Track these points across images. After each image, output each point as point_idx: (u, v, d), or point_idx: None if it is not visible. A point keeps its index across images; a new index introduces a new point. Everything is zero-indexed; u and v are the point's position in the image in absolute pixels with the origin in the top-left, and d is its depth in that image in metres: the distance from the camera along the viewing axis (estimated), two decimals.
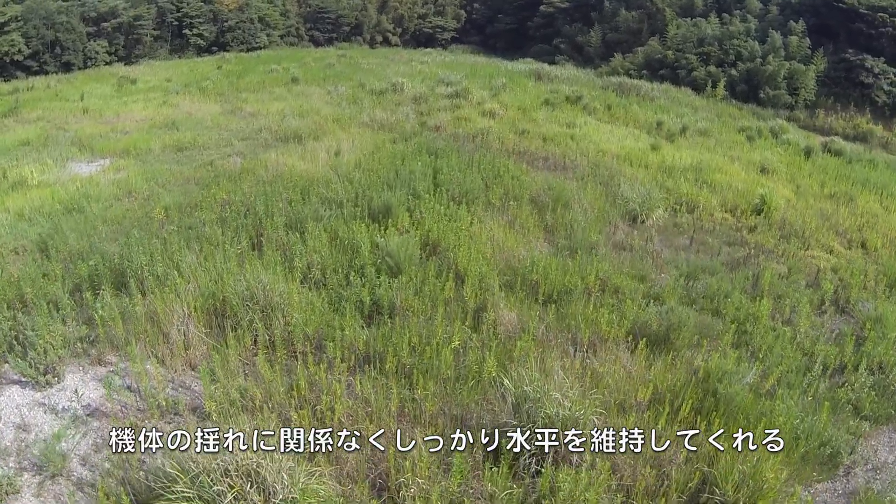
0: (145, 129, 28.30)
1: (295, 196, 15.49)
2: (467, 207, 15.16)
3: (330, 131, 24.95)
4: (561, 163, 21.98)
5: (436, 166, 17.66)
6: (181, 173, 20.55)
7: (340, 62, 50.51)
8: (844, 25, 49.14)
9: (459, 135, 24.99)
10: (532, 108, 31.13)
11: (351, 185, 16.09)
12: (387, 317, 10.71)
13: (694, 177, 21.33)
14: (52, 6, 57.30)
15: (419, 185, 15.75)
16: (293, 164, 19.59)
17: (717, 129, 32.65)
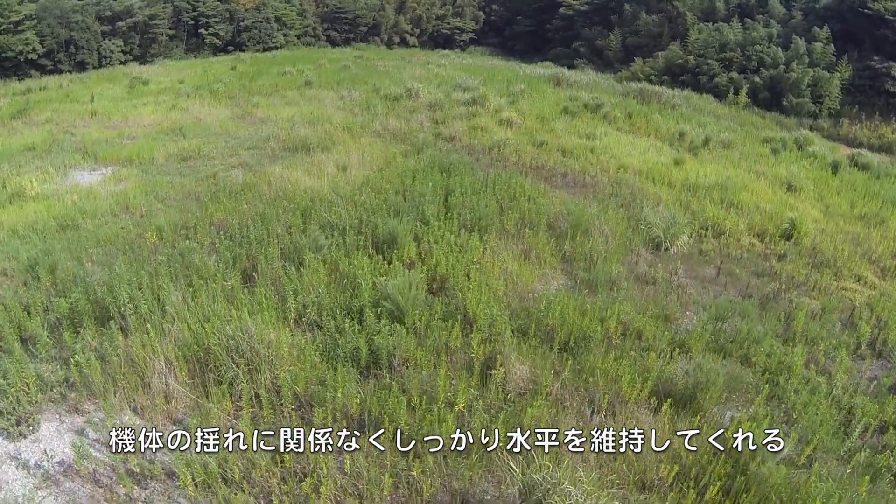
0: (152, 135, 27.43)
1: (295, 220, 14.49)
2: (479, 235, 14.06)
3: (340, 141, 23.92)
4: (580, 179, 20.87)
5: (448, 186, 16.59)
6: (182, 186, 19.66)
7: (356, 64, 49.48)
8: (870, 32, 47.58)
9: (475, 147, 23.92)
10: (551, 117, 29.98)
11: (355, 208, 15.06)
12: (385, 370, 9.67)
13: (719, 196, 20.12)
14: (66, 5, 56.57)
15: (429, 209, 14.68)
16: (297, 180, 18.60)
17: (741, 141, 31.37)
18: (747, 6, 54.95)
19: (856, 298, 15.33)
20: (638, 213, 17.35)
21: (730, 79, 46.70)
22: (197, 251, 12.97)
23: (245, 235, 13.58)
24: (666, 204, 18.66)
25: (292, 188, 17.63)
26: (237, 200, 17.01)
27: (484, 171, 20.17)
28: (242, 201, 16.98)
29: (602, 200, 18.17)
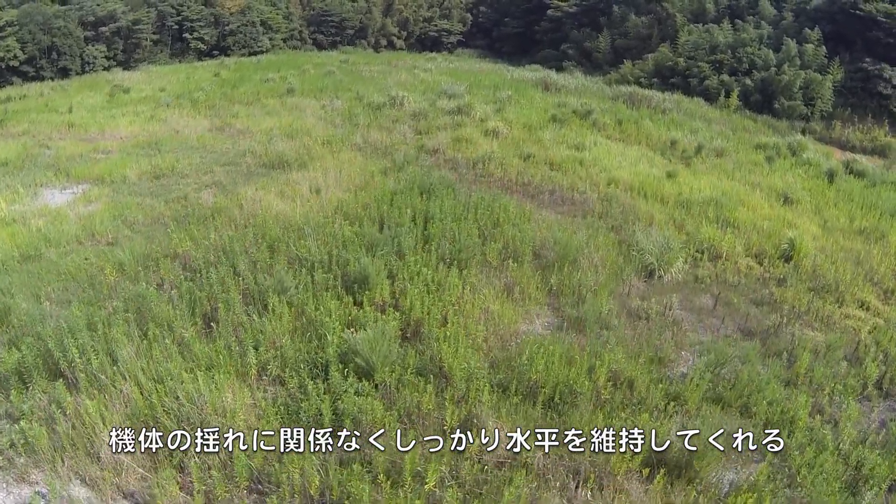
0: (127, 150, 26.34)
1: (261, 256, 13.43)
2: (459, 270, 13.03)
3: (318, 157, 22.85)
4: (569, 196, 19.85)
5: (427, 211, 15.55)
6: (152, 209, 18.65)
7: (341, 69, 48.30)
8: (861, 34, 46.63)
9: (459, 161, 22.88)
10: (538, 126, 28.94)
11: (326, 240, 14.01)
12: (351, 439, 8.65)
13: (714, 213, 19.12)
14: (48, 11, 55.32)
15: (405, 240, 13.65)
16: (270, 203, 17.57)
17: (734, 148, 30.38)
18: (737, 7, 53.95)
19: (860, 329, 14.40)
20: (630, 236, 16.36)
21: (720, 81, 45.68)
22: (154, 297, 11.89)
23: (207, 276, 12.50)
24: (658, 224, 17.66)
25: (263, 213, 16.59)
26: (205, 228, 16.00)
27: (467, 190, 19.16)
28: (211, 228, 15.97)
29: (591, 224, 17.12)
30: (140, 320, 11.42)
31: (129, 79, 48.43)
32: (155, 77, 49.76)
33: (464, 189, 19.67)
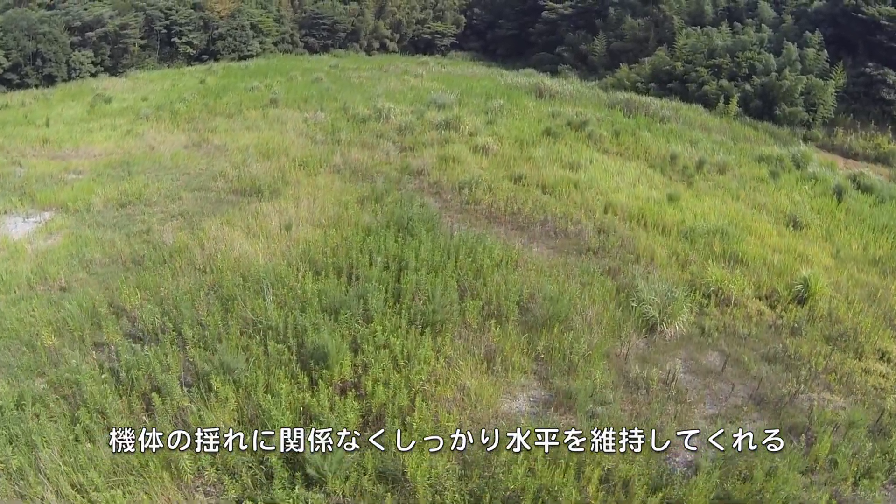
0: (98, 170, 24.73)
1: (212, 320, 11.69)
2: (433, 336, 11.29)
3: (293, 182, 21.12)
4: (562, 228, 18.09)
5: (402, 257, 13.79)
6: (112, 245, 17.13)
7: (329, 75, 46.47)
8: (864, 37, 44.80)
9: (444, 185, 21.11)
10: (531, 141, 27.15)
11: (285, 304, 12.26)
12: None
13: (721, 246, 17.38)
14: (33, 16, 53.49)
15: (374, 299, 11.90)
16: (233, 242, 15.90)
17: (736, 161, 28.62)
18: (736, 10, 52.13)
19: (883, 388, 12.72)
20: (629, 281, 14.59)
21: (719, 87, 43.80)
22: (88, 376, 10.23)
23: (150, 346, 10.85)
24: (660, 263, 15.93)
25: (224, 257, 14.89)
26: (161, 275, 14.48)
27: (450, 223, 17.46)
28: (167, 274, 14.44)
29: (586, 266, 15.28)
30: (73, 401, 9.86)
31: (113, 87, 46.71)
32: (140, 84, 48.02)
33: (447, 221, 17.99)
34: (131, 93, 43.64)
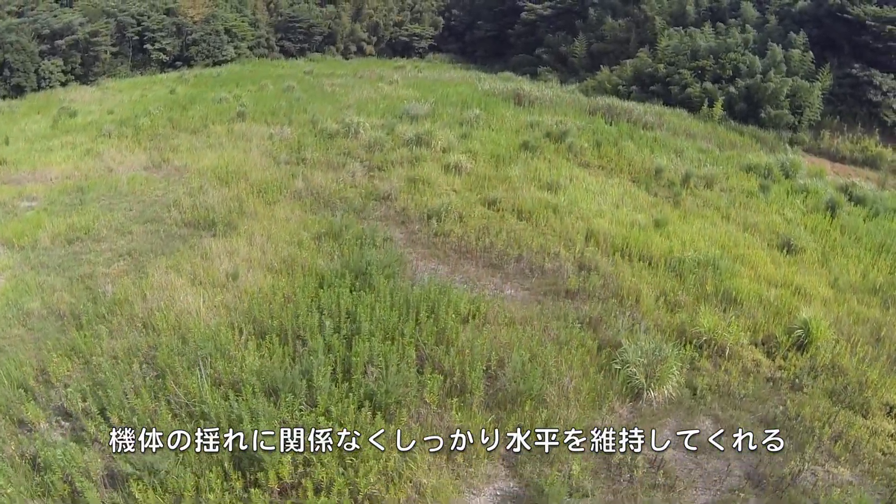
0: (52, 197, 23.04)
1: (140, 403, 9.99)
2: (386, 420, 9.63)
3: (250, 213, 19.38)
4: (539, 265, 16.38)
5: (356, 316, 12.08)
6: (52, 292, 15.52)
7: (302, 83, 44.50)
8: (849, 38, 43.29)
9: (411, 213, 19.40)
10: (507, 156, 25.45)
11: (221, 382, 10.57)
12: None
13: (712, 282, 15.77)
14: (0, 25, 51.37)
15: (320, 376, 10.20)
16: (177, 292, 14.19)
17: (723, 172, 27.00)
18: (719, 10, 50.51)
19: (893, 452, 11.22)
20: (612, 335, 12.94)
21: (703, 89, 42.12)
22: None
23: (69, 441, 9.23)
24: (647, 309, 14.27)
25: (165, 311, 13.23)
26: (97, 333, 12.86)
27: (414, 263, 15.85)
28: (104, 332, 12.83)
29: (564, 316, 13.62)
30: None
31: (81, 99, 44.68)
32: (109, 95, 46.03)
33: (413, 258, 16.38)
34: (98, 105, 41.69)
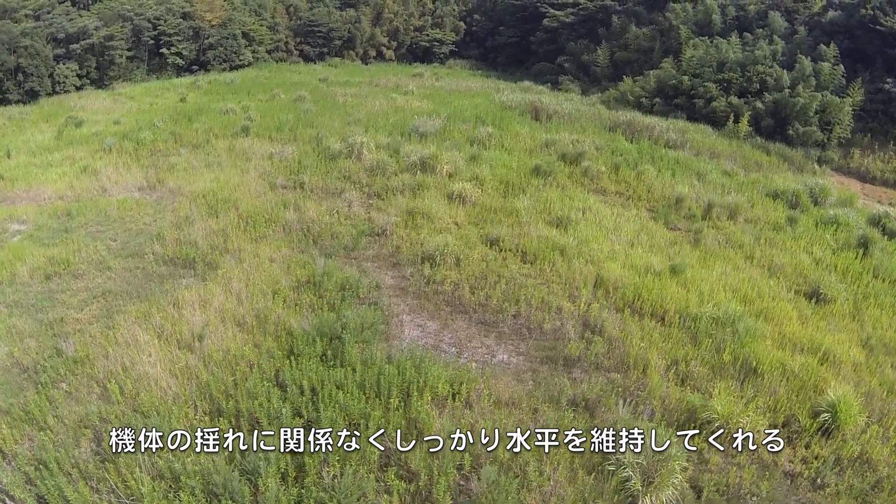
0: (40, 221, 22.14)
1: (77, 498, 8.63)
2: None
3: (233, 250, 17.97)
4: (538, 322, 14.72)
5: (323, 396, 10.56)
6: (20, 338, 14.62)
7: (314, 93, 42.93)
8: (882, 51, 41.04)
9: (404, 257, 17.79)
10: (517, 184, 23.79)
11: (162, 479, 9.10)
12: None
13: (730, 349, 14.04)
14: (15, 29, 50.30)
15: (269, 475, 8.70)
16: (139, 353, 12.83)
17: (748, 200, 25.20)
18: (745, 19, 48.35)
19: None
20: (612, 419, 11.30)
21: (729, 103, 39.96)
22: None
23: None
24: (654, 385, 12.61)
25: (124, 376, 11.91)
26: (52, 398, 11.85)
27: (399, 320, 14.29)
28: (60, 398, 11.88)
29: (556, 402, 11.96)
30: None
31: (90, 106, 43.58)
32: (120, 102, 44.93)
33: (398, 310, 14.86)
34: (106, 114, 40.51)
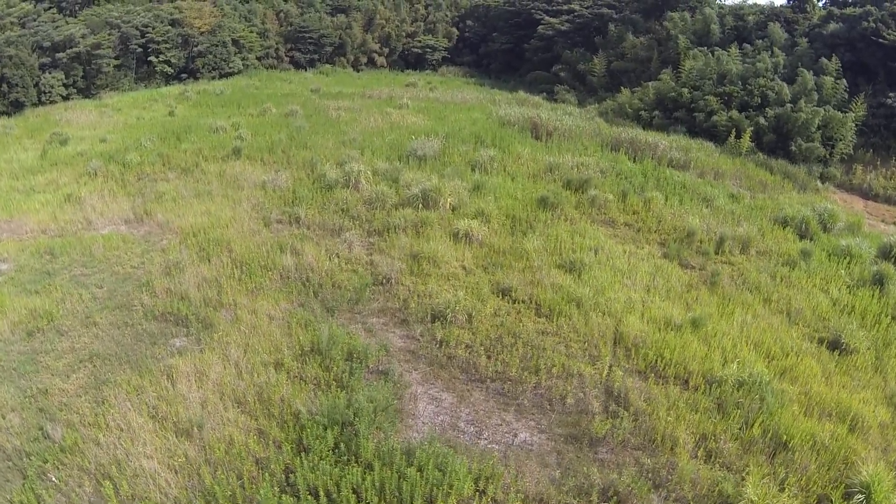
0: (21, 262, 20.88)
1: None
2: None
3: (228, 304, 16.75)
4: (559, 394, 13.64)
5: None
6: (2, 411, 13.48)
7: (306, 107, 41.49)
8: (884, 64, 40.14)
9: (411, 312, 16.59)
10: (524, 217, 22.66)
11: None
12: None
13: (760, 422, 13.10)
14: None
15: None
16: (136, 435, 11.71)
17: (758, 229, 24.31)
18: (745, 29, 47.38)
19: None
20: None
21: (730, 118, 38.85)
22: None
23: None
24: (682, 468, 11.57)
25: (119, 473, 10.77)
26: (39, 497, 10.76)
27: (413, 394, 13.13)
28: (47, 499, 10.82)
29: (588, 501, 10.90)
30: None
31: (76, 120, 41.96)
32: (106, 116, 43.31)
33: (411, 379, 13.73)
34: (92, 129, 38.95)
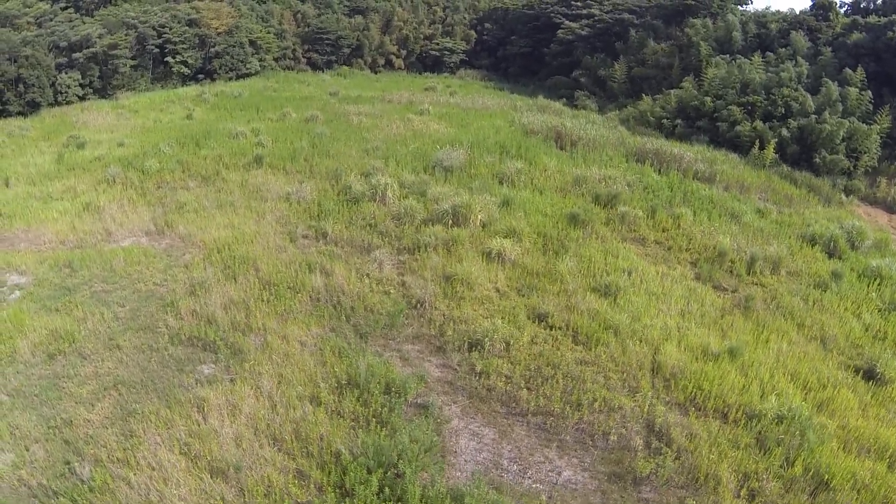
0: (40, 275, 20.59)
1: None
2: None
3: (257, 329, 16.35)
4: (602, 430, 13.32)
5: None
6: (25, 445, 13.20)
7: (326, 111, 41.01)
8: None
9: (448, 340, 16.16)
10: (555, 236, 22.23)
11: None
12: None
13: (801, 459, 12.93)
14: (15, 38, 48.21)
15: None
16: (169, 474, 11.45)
17: (787, 248, 23.90)
18: (767, 38, 46.66)
19: None
20: None
21: (753, 128, 38.10)
22: None
23: None
24: None
25: None
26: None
27: (455, 430, 12.68)
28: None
29: None
30: None
31: (93, 122, 41.56)
32: (123, 118, 42.94)
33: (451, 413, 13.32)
34: (109, 132, 38.56)
